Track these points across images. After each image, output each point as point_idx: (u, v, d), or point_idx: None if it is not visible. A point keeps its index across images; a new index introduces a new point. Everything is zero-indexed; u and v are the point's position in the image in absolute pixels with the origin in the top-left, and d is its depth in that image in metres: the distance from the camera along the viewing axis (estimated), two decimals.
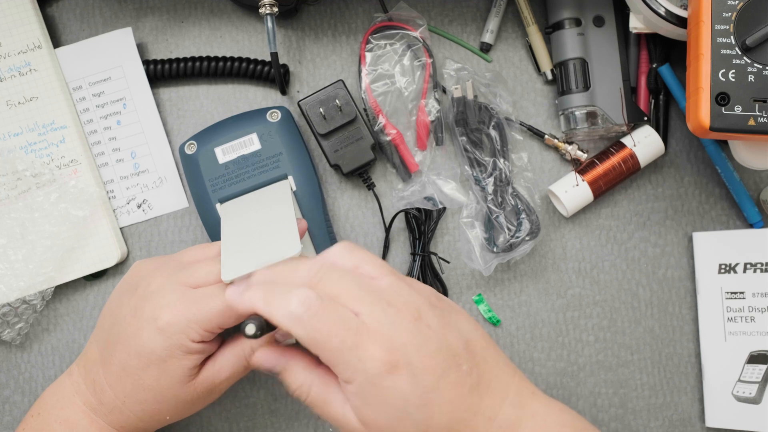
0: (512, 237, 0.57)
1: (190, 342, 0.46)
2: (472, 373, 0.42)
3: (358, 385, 0.40)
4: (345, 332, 0.40)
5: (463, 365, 0.42)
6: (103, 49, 0.60)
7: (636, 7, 0.54)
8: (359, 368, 0.40)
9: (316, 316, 0.40)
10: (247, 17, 0.62)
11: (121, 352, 0.47)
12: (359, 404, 0.41)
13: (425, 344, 0.41)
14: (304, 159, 0.57)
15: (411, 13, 0.60)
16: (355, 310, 0.41)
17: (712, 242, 0.59)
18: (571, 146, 0.60)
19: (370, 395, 0.40)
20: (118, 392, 0.48)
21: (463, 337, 0.43)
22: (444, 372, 0.41)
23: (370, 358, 0.39)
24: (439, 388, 0.40)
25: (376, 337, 0.40)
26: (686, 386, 0.59)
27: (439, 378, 0.40)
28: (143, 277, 0.49)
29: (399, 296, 0.42)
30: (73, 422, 0.49)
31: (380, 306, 0.41)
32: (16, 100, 0.59)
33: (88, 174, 0.59)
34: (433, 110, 0.59)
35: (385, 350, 0.40)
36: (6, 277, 0.57)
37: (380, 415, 0.40)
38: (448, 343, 0.42)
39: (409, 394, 0.40)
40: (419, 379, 0.40)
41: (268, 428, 0.60)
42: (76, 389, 0.50)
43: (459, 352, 0.42)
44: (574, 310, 0.60)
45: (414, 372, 0.40)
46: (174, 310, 0.46)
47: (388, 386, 0.40)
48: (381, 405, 0.40)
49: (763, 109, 0.47)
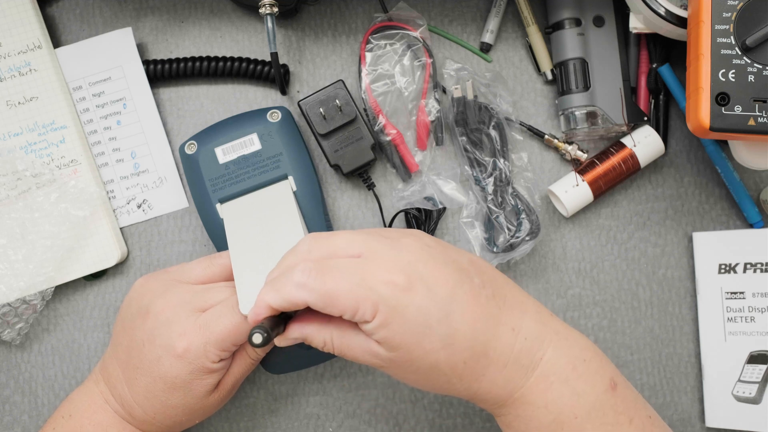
0: (512, 237, 0.57)
1: (211, 363, 0.48)
2: (486, 286, 0.42)
3: (381, 315, 0.40)
4: (350, 275, 0.40)
5: (474, 278, 0.42)
6: (103, 49, 0.60)
7: (636, 7, 0.54)
8: (374, 299, 0.40)
9: (319, 275, 0.41)
10: (247, 17, 0.62)
11: (145, 376, 0.49)
12: (386, 334, 0.40)
13: (431, 259, 0.41)
14: (304, 159, 0.57)
15: (411, 13, 0.60)
16: (353, 254, 0.42)
17: (712, 242, 0.59)
18: (571, 146, 0.60)
19: (394, 319, 0.40)
20: (147, 410, 0.50)
21: (465, 256, 0.43)
22: (457, 282, 0.41)
23: (382, 283, 0.40)
24: (457, 298, 0.41)
25: (380, 263, 0.41)
26: (686, 386, 0.59)
27: (453, 288, 0.41)
28: (153, 300, 0.50)
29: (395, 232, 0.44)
30: (106, 425, 0.51)
31: (375, 238, 0.42)
32: (16, 100, 0.59)
33: (88, 174, 0.59)
34: (433, 110, 0.59)
35: (394, 272, 0.40)
36: (6, 277, 0.57)
37: (407, 337, 0.40)
38: (452, 258, 0.42)
39: (429, 307, 0.40)
40: (435, 291, 0.40)
41: (268, 428, 0.60)
42: (105, 398, 0.52)
43: (466, 267, 0.42)
44: (574, 310, 0.60)
45: (428, 286, 0.40)
46: (189, 337, 0.48)
47: (407, 304, 0.40)
48: (406, 326, 0.40)
49: (763, 109, 0.47)
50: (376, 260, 0.41)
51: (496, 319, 0.42)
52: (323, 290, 0.41)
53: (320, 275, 0.41)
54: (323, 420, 0.60)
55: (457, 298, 0.41)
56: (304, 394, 0.60)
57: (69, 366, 0.60)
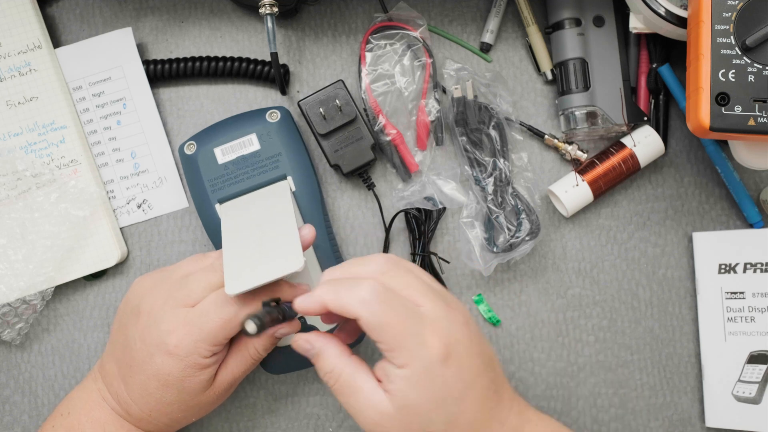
0: (512, 237, 0.57)
1: (202, 359, 0.48)
2: (494, 382, 0.46)
3: (412, 369, 0.42)
4: (409, 320, 0.43)
5: (490, 372, 0.46)
6: (103, 49, 0.60)
7: (636, 7, 0.54)
8: (418, 354, 0.42)
9: (385, 302, 0.43)
10: (247, 17, 0.62)
11: (139, 374, 0.49)
12: (406, 388, 0.42)
13: (471, 345, 0.45)
14: (304, 159, 0.57)
15: (411, 13, 0.60)
16: (417, 302, 0.44)
17: (712, 242, 0.58)
18: (571, 146, 0.60)
19: (421, 379, 0.42)
20: (143, 407, 0.50)
21: (490, 350, 0.47)
22: (480, 373, 0.44)
23: (431, 345, 0.42)
24: (475, 386, 0.44)
25: (436, 328, 0.43)
26: (686, 386, 0.59)
27: (476, 377, 0.44)
28: (143, 297, 0.51)
29: (452, 300, 0.46)
30: (103, 422, 0.51)
31: (440, 303, 0.44)
32: (16, 100, 0.59)
33: (88, 174, 0.59)
34: (433, 110, 0.59)
35: (444, 342, 0.43)
36: (6, 277, 0.57)
37: (422, 400, 0.42)
38: (484, 351, 0.46)
39: (453, 385, 0.43)
40: (463, 373, 0.43)
41: (268, 428, 0.60)
42: (103, 396, 0.52)
43: (489, 362, 0.46)
44: (574, 310, 0.60)
45: (461, 366, 0.43)
46: (179, 333, 0.48)
47: (439, 374, 0.42)
48: (427, 390, 0.42)
49: (763, 109, 0.47)
50: (433, 322, 0.43)
51: (492, 412, 0.45)
52: (380, 319, 0.42)
53: (385, 304, 0.43)
54: (323, 420, 0.60)
55: (475, 387, 0.44)
56: (304, 394, 0.60)
57: (69, 366, 0.60)
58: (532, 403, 0.59)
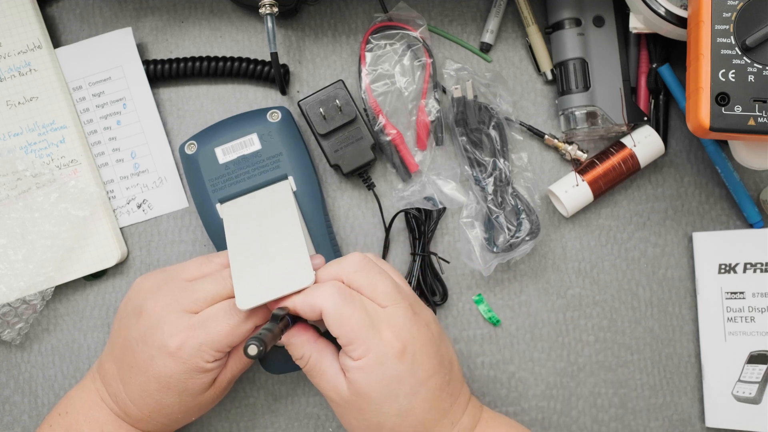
0: (512, 237, 0.57)
1: (205, 363, 0.49)
2: (451, 384, 0.49)
3: (367, 360, 0.45)
4: (368, 316, 0.46)
5: (446, 375, 0.48)
6: (103, 49, 0.60)
7: (636, 7, 0.54)
8: (374, 346, 0.45)
9: (346, 299, 0.46)
10: (247, 17, 0.62)
11: (139, 376, 0.49)
12: (360, 377, 0.46)
13: (429, 346, 0.47)
14: (304, 159, 0.57)
15: (411, 13, 0.60)
16: (382, 302, 0.47)
17: (712, 242, 0.59)
18: (571, 146, 0.60)
19: (374, 371, 0.45)
20: (142, 408, 0.50)
21: (450, 354, 0.50)
22: (434, 373, 0.47)
23: (387, 339, 0.46)
24: (428, 385, 0.47)
25: (393, 325, 0.46)
26: (686, 386, 0.59)
27: (429, 376, 0.47)
28: (146, 298, 0.50)
29: (418, 303, 0.50)
30: (101, 422, 0.51)
31: (404, 304, 0.48)
32: (16, 100, 0.59)
33: (88, 174, 0.59)
34: (433, 110, 0.59)
35: (400, 338, 0.46)
36: (6, 277, 0.57)
37: (375, 390, 0.45)
38: (441, 353, 0.49)
39: (405, 380, 0.46)
40: (416, 370, 0.46)
41: (268, 428, 0.60)
42: (101, 396, 0.52)
43: (446, 364, 0.49)
44: (574, 310, 0.60)
45: (414, 363, 0.46)
46: (181, 336, 0.48)
47: (392, 367, 0.45)
48: (380, 382, 0.45)
49: (763, 109, 0.47)
50: (392, 322, 0.46)
51: (445, 412, 0.48)
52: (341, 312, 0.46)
53: (346, 300, 0.46)
54: (323, 420, 0.60)
55: (428, 385, 0.47)
56: (304, 394, 0.60)
57: (69, 366, 0.60)
58: (532, 403, 0.59)
